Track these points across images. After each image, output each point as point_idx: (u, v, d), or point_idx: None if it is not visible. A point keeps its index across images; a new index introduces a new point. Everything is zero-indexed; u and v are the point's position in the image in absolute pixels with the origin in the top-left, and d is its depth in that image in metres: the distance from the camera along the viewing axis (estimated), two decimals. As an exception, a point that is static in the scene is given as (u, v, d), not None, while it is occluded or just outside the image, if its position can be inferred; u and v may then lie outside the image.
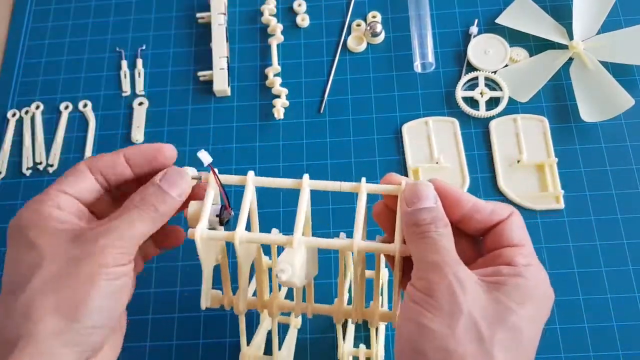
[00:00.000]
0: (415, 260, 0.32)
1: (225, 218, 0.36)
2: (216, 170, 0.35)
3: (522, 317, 0.30)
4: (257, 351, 0.45)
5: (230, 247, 0.37)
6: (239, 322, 0.41)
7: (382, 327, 0.47)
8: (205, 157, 0.35)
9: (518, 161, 0.55)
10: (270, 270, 0.43)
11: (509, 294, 0.30)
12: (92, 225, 0.34)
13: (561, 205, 0.53)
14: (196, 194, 0.37)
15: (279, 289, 0.43)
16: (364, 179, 0.36)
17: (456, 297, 0.30)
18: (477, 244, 0.36)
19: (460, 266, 0.31)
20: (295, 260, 0.33)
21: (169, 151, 0.36)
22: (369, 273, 0.40)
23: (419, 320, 0.30)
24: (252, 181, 0.36)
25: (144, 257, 0.39)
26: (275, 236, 0.35)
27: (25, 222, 0.33)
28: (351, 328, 0.45)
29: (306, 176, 0.36)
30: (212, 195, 0.35)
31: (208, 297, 0.38)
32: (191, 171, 0.35)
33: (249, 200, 0.35)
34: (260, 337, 0.46)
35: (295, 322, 0.47)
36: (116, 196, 0.37)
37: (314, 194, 0.37)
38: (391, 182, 0.36)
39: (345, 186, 0.36)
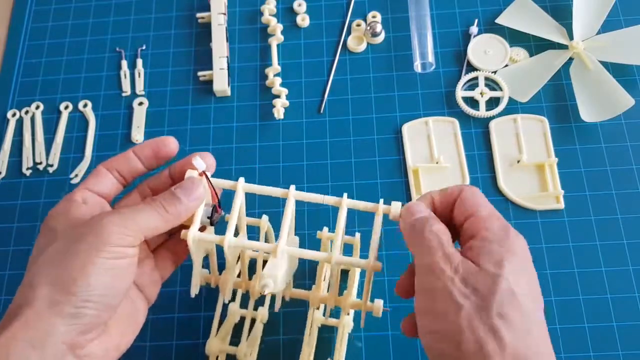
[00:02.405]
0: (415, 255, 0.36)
1: (216, 220, 0.39)
2: (209, 174, 0.38)
3: (509, 277, 0.33)
4: (223, 341, 0.47)
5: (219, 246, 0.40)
6: (216, 309, 0.46)
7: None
8: (199, 163, 0.37)
9: (518, 161, 0.55)
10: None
11: (488, 262, 0.33)
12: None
13: (561, 205, 0.53)
14: None
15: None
16: (345, 195, 0.39)
17: (449, 288, 0.33)
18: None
19: (452, 251, 0.34)
20: (278, 273, 0.37)
21: (171, 143, 0.40)
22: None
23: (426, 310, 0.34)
24: (242, 188, 0.39)
25: (175, 262, 0.42)
26: (260, 244, 0.38)
27: (53, 213, 0.37)
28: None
29: (292, 187, 0.38)
30: (204, 199, 0.38)
31: (197, 287, 0.41)
32: (199, 164, 0.38)
33: (238, 206, 0.38)
34: (227, 329, 0.48)
35: (262, 316, 0.48)
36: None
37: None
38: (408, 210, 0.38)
39: (328, 199, 0.39)
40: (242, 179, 0.39)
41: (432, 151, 0.56)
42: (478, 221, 0.35)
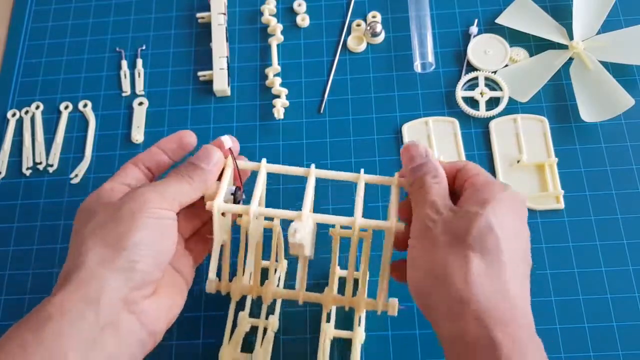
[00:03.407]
0: (414, 205, 0.39)
1: (239, 198, 0.41)
2: (235, 153, 0.42)
3: (490, 215, 0.35)
4: (235, 349, 0.47)
5: (235, 232, 0.42)
6: (229, 312, 0.46)
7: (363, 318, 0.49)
8: (227, 141, 0.41)
9: (518, 161, 0.55)
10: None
11: (471, 203, 0.36)
12: None
13: (561, 205, 0.53)
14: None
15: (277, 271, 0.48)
16: (362, 171, 0.42)
17: (433, 221, 0.36)
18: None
19: (444, 203, 0.37)
20: (305, 226, 0.38)
21: (192, 135, 0.44)
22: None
23: (423, 248, 0.36)
24: (265, 167, 0.42)
25: (205, 251, 0.44)
26: (285, 211, 0.40)
27: (85, 203, 0.40)
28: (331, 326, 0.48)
29: (313, 165, 0.43)
30: (230, 175, 0.41)
31: (215, 269, 0.42)
32: (226, 141, 0.41)
33: (262, 182, 0.42)
34: (238, 337, 0.47)
35: (272, 325, 0.47)
36: None
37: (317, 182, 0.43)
38: (408, 151, 0.41)
39: (345, 175, 0.42)
40: (264, 160, 0.43)
41: (432, 151, 0.56)
42: (478, 179, 0.38)
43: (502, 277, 0.34)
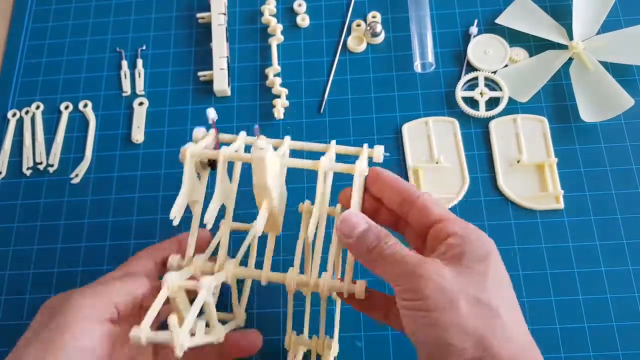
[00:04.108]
0: (387, 278, 0.35)
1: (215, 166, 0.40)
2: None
3: (489, 274, 0.34)
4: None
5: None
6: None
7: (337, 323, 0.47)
8: (211, 114, 0.41)
9: (518, 161, 0.55)
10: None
11: (469, 261, 0.34)
12: None
13: (561, 205, 0.53)
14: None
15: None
16: (333, 142, 0.43)
17: (441, 286, 0.33)
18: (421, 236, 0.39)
19: (424, 261, 0.34)
20: (270, 149, 0.37)
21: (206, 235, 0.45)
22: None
23: (426, 322, 0.33)
24: (243, 136, 0.43)
25: None
26: (248, 155, 0.39)
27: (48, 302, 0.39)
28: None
29: (287, 137, 0.43)
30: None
31: (182, 210, 0.39)
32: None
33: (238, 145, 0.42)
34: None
35: (238, 320, 0.44)
36: None
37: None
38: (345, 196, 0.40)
39: (315, 146, 0.43)
40: (243, 132, 0.43)
41: (432, 151, 0.56)
42: (452, 224, 0.36)
43: (523, 326, 0.34)
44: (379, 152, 0.42)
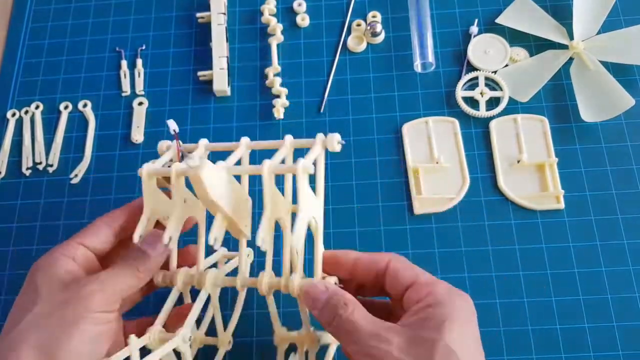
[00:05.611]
0: (345, 348, 0.36)
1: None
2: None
3: (449, 339, 0.33)
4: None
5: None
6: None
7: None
8: (172, 125, 0.39)
9: (518, 161, 0.55)
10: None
11: (428, 327, 0.33)
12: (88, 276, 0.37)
13: (561, 205, 0.53)
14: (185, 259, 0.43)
15: None
16: (289, 136, 0.41)
17: (390, 355, 0.32)
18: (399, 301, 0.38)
19: (377, 332, 0.34)
20: (206, 160, 0.35)
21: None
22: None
23: None
24: (203, 145, 0.42)
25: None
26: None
27: (39, 266, 0.38)
28: None
29: (245, 139, 0.42)
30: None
31: (141, 229, 0.39)
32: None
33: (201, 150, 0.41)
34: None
35: (223, 343, 0.44)
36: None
37: None
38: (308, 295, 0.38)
39: (273, 144, 0.41)
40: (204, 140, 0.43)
41: (432, 151, 0.56)
42: (421, 287, 0.36)
43: None
44: (332, 141, 0.39)
